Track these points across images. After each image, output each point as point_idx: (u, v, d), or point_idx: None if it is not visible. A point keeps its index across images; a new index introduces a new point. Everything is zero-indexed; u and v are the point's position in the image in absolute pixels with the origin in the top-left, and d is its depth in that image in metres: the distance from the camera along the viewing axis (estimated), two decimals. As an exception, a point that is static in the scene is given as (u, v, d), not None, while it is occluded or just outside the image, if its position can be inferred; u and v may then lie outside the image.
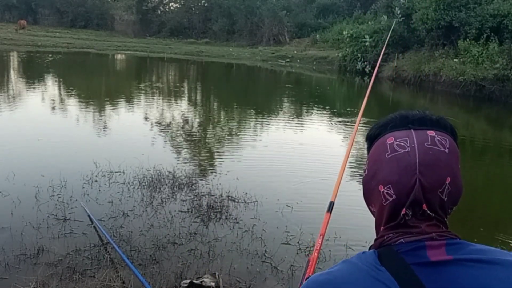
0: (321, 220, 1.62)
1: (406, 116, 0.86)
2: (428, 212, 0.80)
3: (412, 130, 0.83)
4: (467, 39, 16.09)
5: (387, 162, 0.82)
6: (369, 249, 0.86)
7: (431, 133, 0.83)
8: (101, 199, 4.66)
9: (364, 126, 8.29)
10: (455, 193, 0.82)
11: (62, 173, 5.16)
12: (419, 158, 0.80)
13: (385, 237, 0.82)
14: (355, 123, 9.48)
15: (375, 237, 0.86)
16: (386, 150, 0.83)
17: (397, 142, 0.83)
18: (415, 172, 0.79)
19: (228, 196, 4.90)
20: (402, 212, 0.80)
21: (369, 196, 0.88)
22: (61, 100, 11.06)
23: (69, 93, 12.36)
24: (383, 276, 0.75)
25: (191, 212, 4.48)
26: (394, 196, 0.81)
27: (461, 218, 5.12)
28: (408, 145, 0.81)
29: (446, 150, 0.81)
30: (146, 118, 9.34)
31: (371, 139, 0.90)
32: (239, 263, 3.57)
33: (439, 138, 0.82)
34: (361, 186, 0.91)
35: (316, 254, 1.48)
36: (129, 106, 10.67)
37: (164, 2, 38.50)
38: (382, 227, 0.85)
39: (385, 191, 0.82)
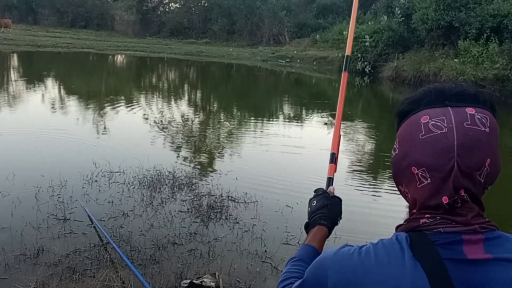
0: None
1: (441, 91, 0.78)
2: (468, 199, 0.74)
3: (449, 108, 0.76)
4: (467, 39, 16.09)
5: (421, 143, 0.76)
6: (397, 228, 0.81)
7: (470, 110, 0.75)
8: (101, 199, 4.66)
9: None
10: (493, 174, 0.76)
11: (62, 173, 5.16)
12: (458, 140, 0.73)
13: (420, 222, 0.76)
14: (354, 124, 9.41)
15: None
16: (420, 130, 0.76)
17: (433, 122, 0.76)
18: (453, 155, 0.73)
19: (228, 196, 4.90)
20: (444, 201, 0.74)
21: (399, 176, 0.82)
22: (61, 100, 11.07)
23: (69, 93, 12.36)
24: (413, 269, 0.71)
25: (191, 212, 4.48)
26: (429, 180, 0.75)
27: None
28: (446, 125, 0.74)
29: (487, 130, 0.75)
30: (146, 118, 9.33)
31: (401, 116, 0.82)
32: (239, 263, 3.57)
33: (479, 116, 0.75)
34: (392, 169, 0.84)
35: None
36: (129, 106, 10.66)
37: (164, 2, 38.51)
38: (415, 210, 0.79)
39: (420, 173, 0.76)
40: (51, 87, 13.25)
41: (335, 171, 1.27)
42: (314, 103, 13.45)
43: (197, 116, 10.33)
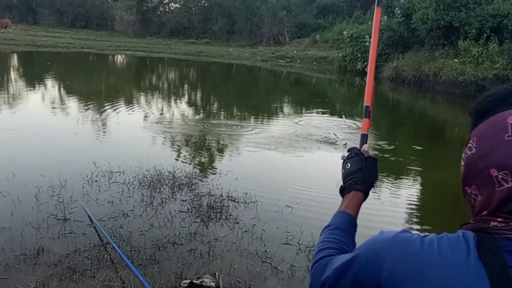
0: (322, 220, 1.62)
1: None
2: None
3: None
4: (467, 39, 16.08)
5: (507, 144, 0.72)
6: (461, 226, 0.79)
7: None
8: (101, 199, 4.66)
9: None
10: None
11: (62, 173, 5.16)
12: None
13: (491, 225, 0.74)
14: (356, 124, 9.40)
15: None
16: (506, 130, 0.73)
17: None
18: None
19: (228, 196, 4.90)
20: None
21: (471, 177, 0.78)
22: (61, 100, 11.07)
23: (69, 93, 12.36)
24: (476, 270, 0.69)
25: (191, 212, 4.48)
26: (510, 184, 0.72)
27: (457, 219, 5.12)
28: None
29: None
30: (146, 118, 9.34)
31: (481, 114, 0.78)
32: (239, 263, 3.57)
33: None
34: (463, 168, 0.81)
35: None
36: (129, 106, 10.67)
37: (164, 2, 38.52)
38: (486, 212, 0.76)
39: (500, 176, 0.73)
40: (51, 87, 13.25)
41: (369, 126, 1.21)
42: (314, 103, 13.44)
43: (197, 116, 10.33)
